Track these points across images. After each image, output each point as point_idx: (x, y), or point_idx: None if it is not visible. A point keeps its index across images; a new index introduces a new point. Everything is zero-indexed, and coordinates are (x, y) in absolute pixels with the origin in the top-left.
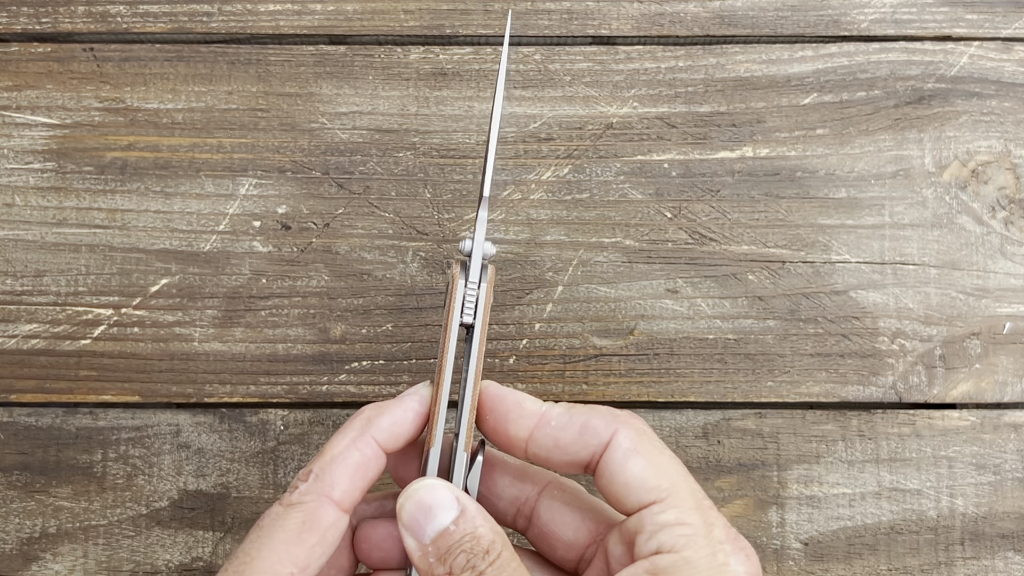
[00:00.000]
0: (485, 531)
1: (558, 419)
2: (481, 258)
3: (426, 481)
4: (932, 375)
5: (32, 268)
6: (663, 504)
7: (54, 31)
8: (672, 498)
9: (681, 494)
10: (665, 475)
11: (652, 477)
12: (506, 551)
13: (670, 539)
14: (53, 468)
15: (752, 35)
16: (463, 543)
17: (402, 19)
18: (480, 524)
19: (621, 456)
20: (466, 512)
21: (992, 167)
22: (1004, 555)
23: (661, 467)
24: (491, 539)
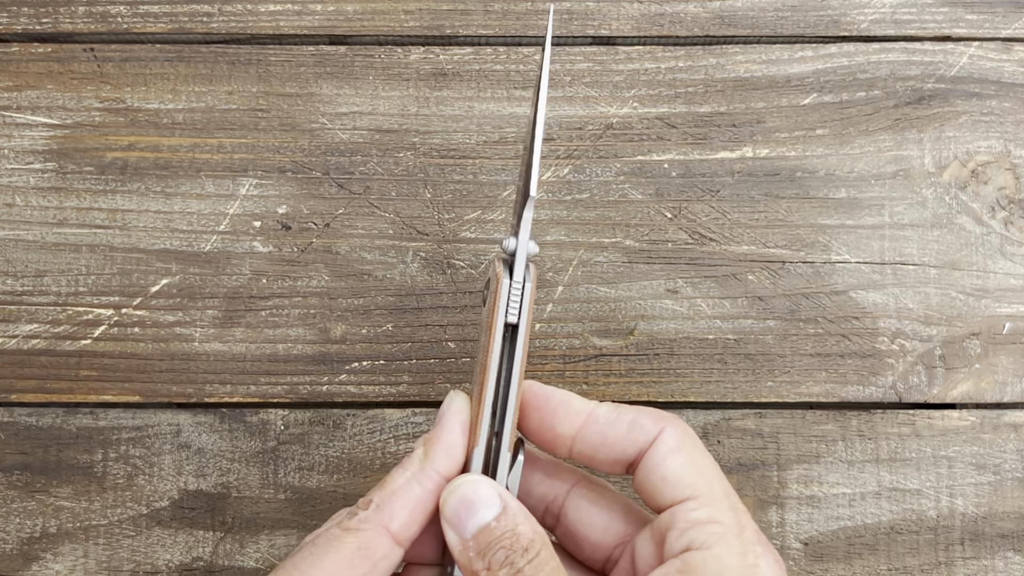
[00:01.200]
0: (525, 529)
1: (607, 416)
2: (526, 257)
3: (470, 477)
4: (932, 375)
5: (33, 268)
6: (697, 501)
7: (54, 31)
8: (706, 496)
9: (716, 494)
10: (703, 475)
11: (690, 475)
12: (545, 550)
13: (701, 536)
14: (54, 468)
15: (752, 35)
16: (503, 540)
17: (402, 19)
18: (521, 522)
19: (664, 452)
20: (508, 509)
21: (992, 167)
22: (1004, 555)
23: (700, 467)
24: (531, 537)
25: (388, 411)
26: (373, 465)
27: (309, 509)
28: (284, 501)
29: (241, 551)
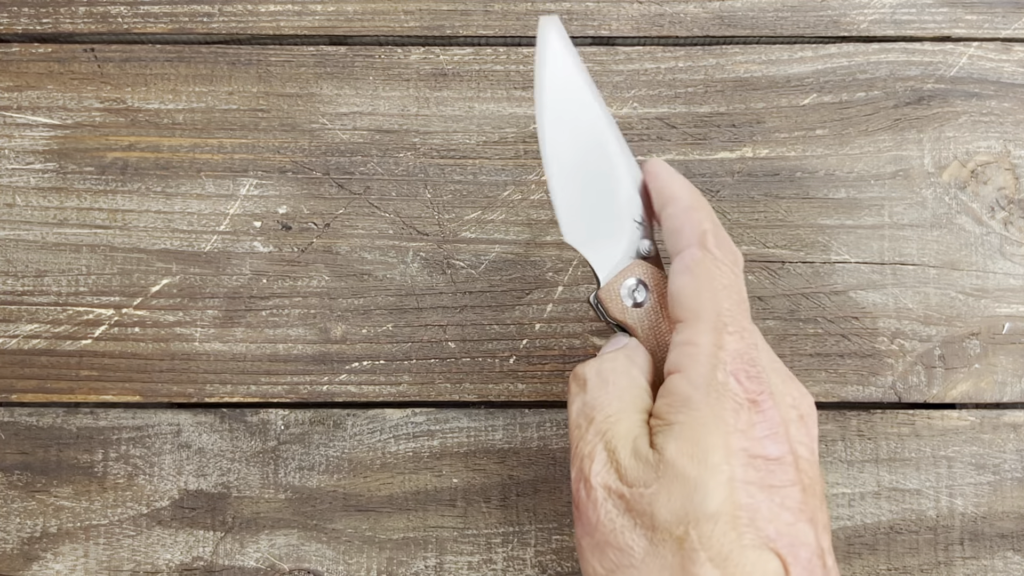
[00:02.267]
0: (619, 339)
1: (668, 219)
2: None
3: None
4: (931, 375)
5: (33, 268)
6: (684, 323)
7: (55, 32)
8: (692, 319)
9: (704, 316)
10: (699, 297)
11: (687, 297)
12: (622, 355)
13: (679, 358)
14: (54, 468)
15: (752, 36)
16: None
17: (402, 20)
18: (618, 342)
19: (678, 269)
20: (624, 343)
21: (991, 167)
22: (1003, 555)
23: (699, 290)
24: (619, 346)
25: (388, 411)
26: (373, 465)
27: (309, 509)
28: (284, 501)
29: (241, 551)
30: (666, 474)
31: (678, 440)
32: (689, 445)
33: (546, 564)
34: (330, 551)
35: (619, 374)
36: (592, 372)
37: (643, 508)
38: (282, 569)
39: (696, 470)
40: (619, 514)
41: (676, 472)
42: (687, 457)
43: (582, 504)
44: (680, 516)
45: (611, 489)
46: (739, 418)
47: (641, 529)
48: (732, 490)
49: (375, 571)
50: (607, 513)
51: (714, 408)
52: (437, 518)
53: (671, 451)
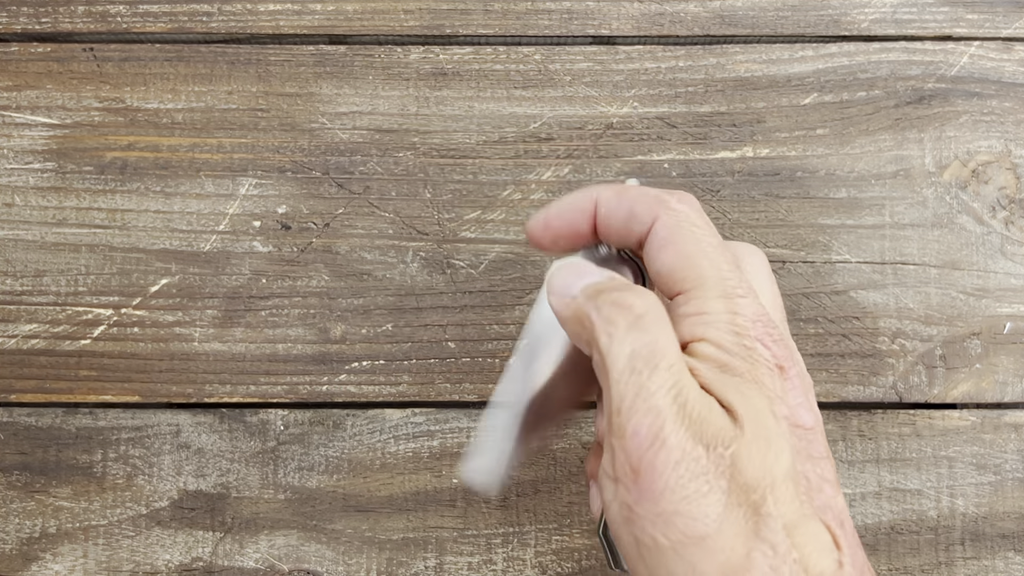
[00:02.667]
0: (637, 289)
1: (607, 204)
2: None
3: (571, 258)
4: (932, 375)
5: (32, 268)
6: (686, 295)
7: (54, 31)
8: (695, 288)
9: (707, 283)
10: (692, 264)
11: (679, 267)
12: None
13: (695, 328)
14: (53, 468)
15: (752, 35)
16: (617, 286)
17: (402, 19)
18: (632, 286)
19: (657, 247)
20: (615, 278)
21: (992, 167)
22: (1004, 555)
23: (690, 257)
24: (644, 293)
25: (388, 411)
26: (373, 465)
27: (309, 509)
28: (284, 501)
29: (241, 551)
30: (744, 434)
31: (742, 398)
32: (753, 403)
33: (546, 565)
34: (330, 552)
35: (663, 313)
36: (643, 306)
37: (722, 470)
38: (281, 570)
39: (768, 430)
40: (693, 477)
41: (754, 431)
42: (755, 413)
43: (646, 469)
44: (759, 479)
45: (686, 451)
46: (775, 384)
47: (717, 494)
48: (792, 454)
49: (375, 571)
50: (679, 478)
51: (753, 373)
52: (437, 518)
53: (742, 409)
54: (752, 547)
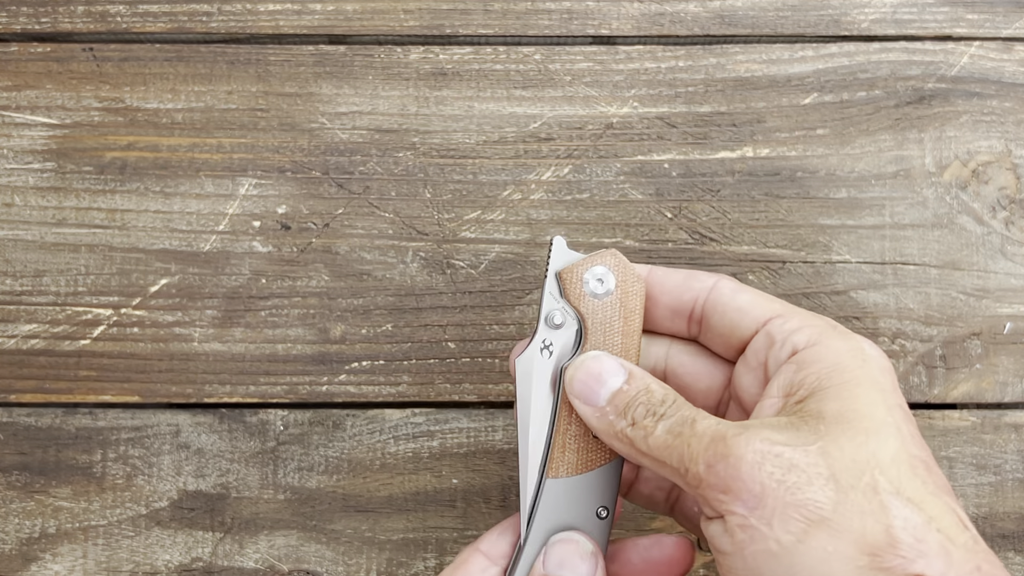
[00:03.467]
0: (657, 386)
1: (664, 270)
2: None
3: (591, 353)
4: (933, 375)
5: (32, 268)
6: (784, 317)
7: (53, 31)
8: (790, 311)
9: (797, 310)
10: (775, 301)
11: (764, 302)
12: (679, 399)
13: (803, 338)
14: (53, 468)
15: (752, 35)
16: (639, 398)
17: (402, 19)
18: (651, 381)
19: (730, 292)
20: (633, 374)
21: (993, 167)
22: (1005, 556)
23: (768, 298)
24: (663, 392)
25: (388, 411)
26: (373, 465)
27: (308, 510)
28: (284, 501)
29: (240, 552)
30: (830, 431)
31: (837, 400)
32: (851, 402)
33: None
34: (329, 552)
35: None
36: (663, 408)
37: (813, 461)
38: (281, 570)
39: (864, 423)
40: (785, 471)
41: (843, 427)
42: (852, 412)
43: (733, 478)
44: (861, 465)
45: (765, 452)
46: (887, 378)
47: (820, 481)
48: (903, 440)
49: (375, 572)
50: (770, 475)
51: (865, 370)
52: (437, 519)
53: (832, 409)
54: (889, 523)
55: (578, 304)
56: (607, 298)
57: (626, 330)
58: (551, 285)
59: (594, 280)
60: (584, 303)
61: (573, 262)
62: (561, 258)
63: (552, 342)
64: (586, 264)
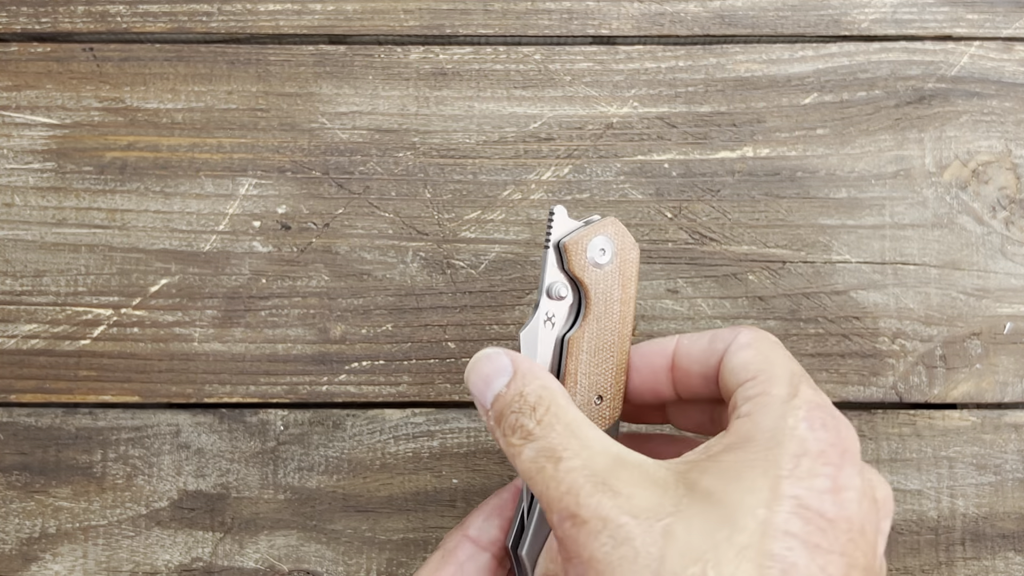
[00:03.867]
0: (531, 389)
1: (689, 337)
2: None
3: (485, 350)
4: (933, 375)
5: (32, 268)
6: (755, 380)
7: (54, 31)
8: (764, 375)
9: (776, 373)
10: (767, 359)
11: (754, 362)
12: (555, 405)
13: (748, 407)
14: (53, 468)
15: (752, 35)
16: (513, 404)
17: (402, 19)
18: (528, 382)
19: (736, 347)
20: (517, 372)
21: (993, 167)
22: (1005, 555)
23: (767, 355)
24: (537, 395)
25: (388, 411)
26: (373, 465)
27: (309, 510)
28: (284, 501)
29: (240, 552)
30: (690, 507)
31: (718, 476)
32: (728, 482)
33: None
34: (329, 552)
35: (557, 413)
36: (531, 422)
37: (651, 539)
38: (281, 570)
39: (727, 508)
40: (617, 545)
41: (703, 506)
42: (721, 493)
43: (571, 544)
44: (698, 552)
45: (609, 521)
46: (799, 465)
47: (646, 560)
48: (764, 536)
49: (375, 572)
50: (602, 546)
51: (772, 450)
52: (437, 519)
53: (705, 484)
54: None
55: (582, 275)
56: (608, 267)
57: (624, 297)
58: (552, 256)
59: (597, 250)
60: (588, 273)
61: (573, 232)
62: (562, 227)
63: (554, 313)
64: (590, 234)
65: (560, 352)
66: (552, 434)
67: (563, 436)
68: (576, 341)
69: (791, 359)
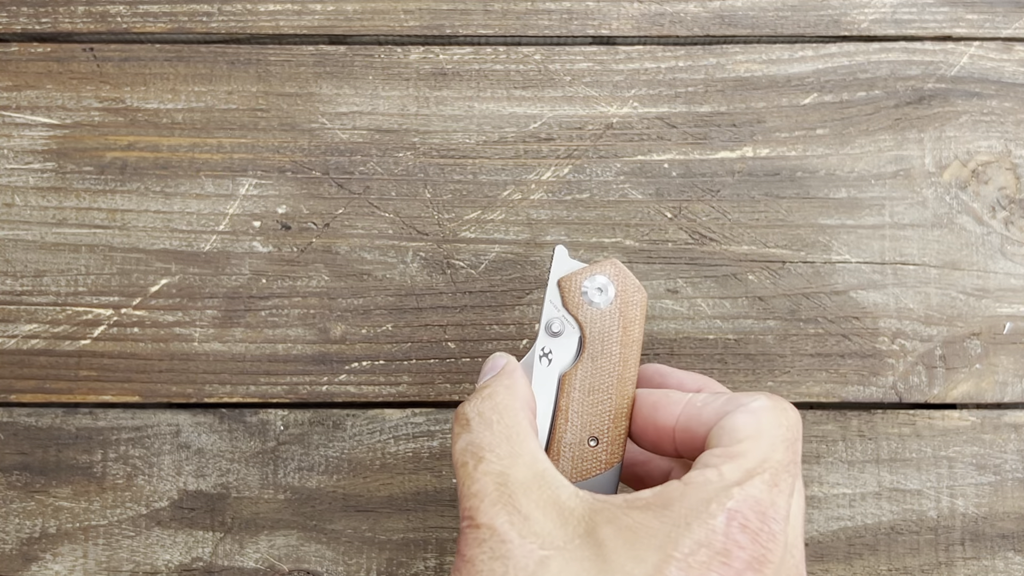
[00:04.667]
0: (494, 388)
1: (703, 399)
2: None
3: (496, 354)
4: (932, 375)
5: (32, 268)
6: (723, 450)
7: (54, 31)
8: (734, 451)
9: (748, 456)
10: (758, 434)
11: (742, 431)
12: (506, 407)
13: (694, 474)
14: (53, 468)
15: (752, 35)
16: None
17: (402, 19)
18: (497, 380)
19: (744, 408)
20: (501, 372)
21: (992, 167)
22: (1004, 555)
23: (759, 433)
24: (491, 391)
25: (388, 411)
26: (373, 465)
27: (309, 510)
28: (284, 501)
29: (241, 552)
30: (578, 549)
31: (618, 531)
32: (623, 541)
33: None
34: (330, 552)
35: (503, 412)
36: (474, 412)
37: (525, 564)
38: (281, 570)
39: (608, 565)
40: (492, 558)
41: (589, 553)
42: (611, 549)
43: (461, 539)
44: None
45: (496, 531)
46: (696, 555)
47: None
48: None
49: (375, 572)
50: (481, 553)
51: (679, 528)
52: (437, 518)
53: (603, 534)
54: None
55: (576, 313)
56: (607, 308)
57: (625, 340)
58: (552, 294)
59: (594, 289)
60: (583, 312)
61: (574, 271)
62: (563, 267)
63: (551, 350)
64: (586, 273)
65: (556, 389)
66: (486, 432)
67: (496, 437)
68: (569, 378)
69: (787, 447)
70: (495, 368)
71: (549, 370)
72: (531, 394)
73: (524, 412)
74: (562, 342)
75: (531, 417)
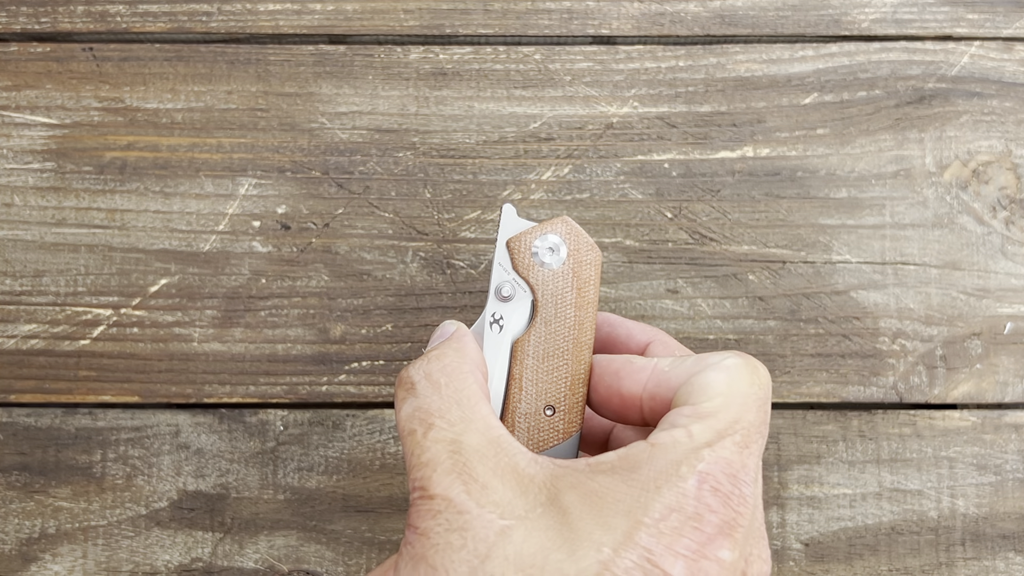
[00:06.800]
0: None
1: (670, 364)
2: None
3: (447, 321)
4: (933, 375)
5: (31, 268)
6: (693, 409)
7: (53, 31)
8: (705, 410)
9: (719, 416)
10: (730, 393)
11: (716, 388)
12: (455, 370)
13: (661, 435)
14: (52, 468)
15: (752, 35)
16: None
17: (402, 19)
18: (447, 345)
19: (714, 368)
20: (451, 337)
21: (993, 167)
22: (1005, 556)
23: (730, 392)
24: (439, 353)
25: (388, 411)
26: (373, 466)
27: (308, 510)
28: (283, 502)
29: (240, 552)
30: (541, 518)
31: (583, 497)
32: (589, 507)
33: None
34: (329, 552)
35: (452, 376)
36: (420, 375)
37: (485, 535)
38: (281, 570)
39: (574, 533)
40: (448, 530)
41: (553, 520)
42: (577, 516)
43: (414, 511)
44: (523, 565)
45: (452, 501)
46: (667, 519)
47: (466, 555)
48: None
49: None
50: (437, 525)
51: (648, 492)
52: None
53: (567, 500)
54: None
55: (527, 275)
56: (559, 268)
57: (579, 302)
58: (501, 255)
59: (545, 249)
60: (534, 274)
61: (523, 230)
62: (511, 226)
63: (502, 316)
64: (536, 232)
65: (509, 357)
66: (434, 396)
67: (446, 401)
68: (521, 344)
69: (760, 408)
70: (444, 334)
71: (500, 337)
72: (482, 359)
73: (474, 375)
74: (513, 307)
75: (482, 381)
